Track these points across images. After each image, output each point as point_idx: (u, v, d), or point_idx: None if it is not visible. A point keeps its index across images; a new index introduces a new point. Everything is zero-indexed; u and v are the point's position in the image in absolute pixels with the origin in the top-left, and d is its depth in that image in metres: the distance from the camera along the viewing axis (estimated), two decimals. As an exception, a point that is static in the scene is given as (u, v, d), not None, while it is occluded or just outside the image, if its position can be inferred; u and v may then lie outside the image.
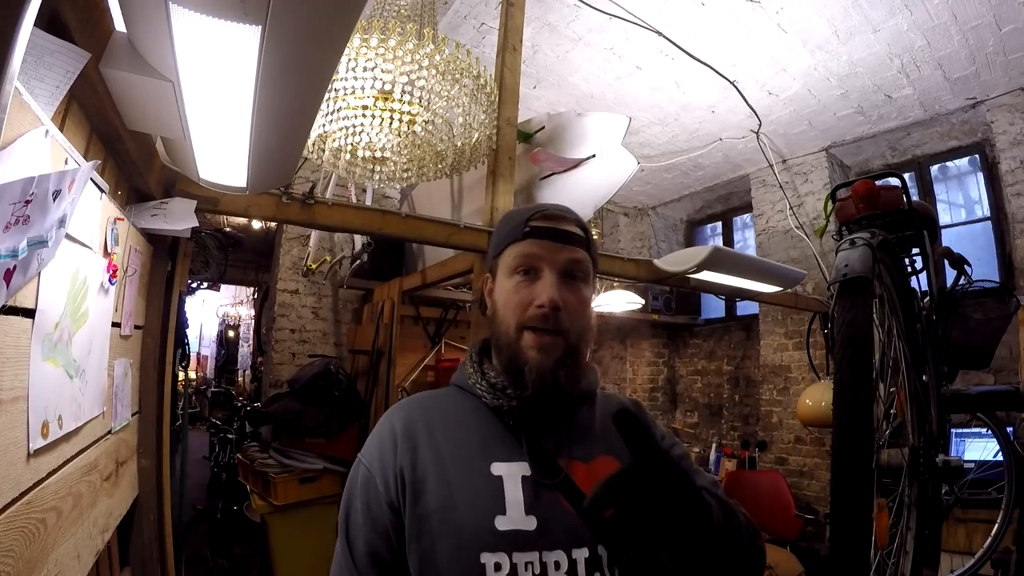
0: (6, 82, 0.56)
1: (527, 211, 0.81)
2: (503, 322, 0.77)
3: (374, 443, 0.76)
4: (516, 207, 0.87)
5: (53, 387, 0.99)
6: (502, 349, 0.77)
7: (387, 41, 1.57)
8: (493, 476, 0.69)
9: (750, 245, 5.09)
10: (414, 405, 0.80)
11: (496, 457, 0.71)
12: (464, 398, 0.80)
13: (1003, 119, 3.35)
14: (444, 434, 0.74)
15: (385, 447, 0.74)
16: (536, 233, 0.77)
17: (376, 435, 0.77)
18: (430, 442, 0.73)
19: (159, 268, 1.79)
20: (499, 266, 0.81)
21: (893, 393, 1.67)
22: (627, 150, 2.37)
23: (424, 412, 0.78)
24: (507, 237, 0.80)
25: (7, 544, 0.80)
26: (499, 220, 0.89)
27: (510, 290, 0.77)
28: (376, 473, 0.72)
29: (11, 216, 0.72)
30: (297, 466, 2.75)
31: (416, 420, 0.76)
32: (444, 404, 0.80)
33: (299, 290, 3.89)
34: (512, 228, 0.80)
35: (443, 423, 0.76)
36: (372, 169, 1.96)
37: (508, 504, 0.67)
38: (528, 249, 0.77)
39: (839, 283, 1.32)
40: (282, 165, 1.34)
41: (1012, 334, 2.70)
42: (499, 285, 0.80)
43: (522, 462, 0.71)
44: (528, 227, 0.77)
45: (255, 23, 0.73)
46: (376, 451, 0.74)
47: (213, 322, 11.61)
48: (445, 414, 0.77)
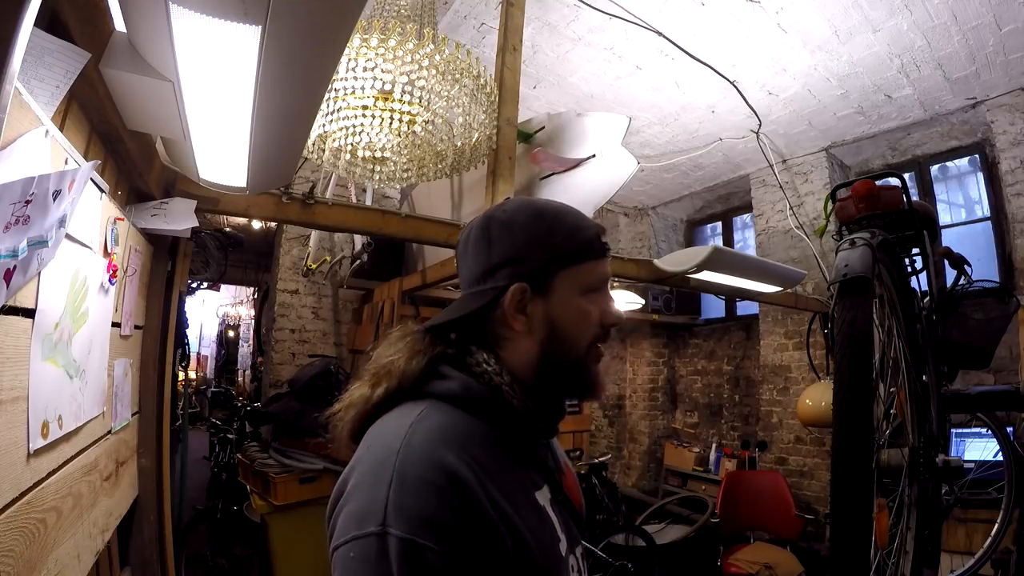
0: (6, 82, 0.56)
1: (584, 221, 0.76)
2: (575, 342, 0.71)
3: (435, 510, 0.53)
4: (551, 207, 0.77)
5: (53, 387, 0.99)
6: (564, 371, 0.71)
7: (387, 41, 1.57)
8: (540, 506, 0.67)
9: (750, 245, 5.09)
10: (445, 440, 0.60)
11: (533, 486, 0.68)
12: (469, 420, 0.65)
13: (1003, 119, 3.35)
14: (488, 472, 0.60)
15: (462, 511, 0.55)
16: (607, 251, 0.77)
17: (432, 495, 0.54)
18: (486, 486, 0.58)
19: (159, 268, 1.79)
20: (562, 281, 0.71)
21: (893, 393, 1.67)
22: (627, 150, 2.37)
23: (462, 450, 0.59)
24: (580, 251, 0.73)
25: (7, 544, 0.80)
26: (531, 224, 0.72)
27: (587, 310, 0.72)
28: (467, 556, 0.53)
29: (11, 216, 0.72)
30: (297, 466, 2.75)
31: (464, 461, 0.58)
32: (466, 432, 0.63)
33: (299, 290, 3.89)
34: (585, 242, 0.74)
35: (480, 458, 0.60)
36: (372, 169, 1.96)
37: (557, 530, 0.68)
38: (608, 269, 0.77)
39: (839, 283, 1.32)
40: (282, 165, 1.34)
41: (1012, 334, 2.70)
42: (566, 304, 0.71)
43: (544, 486, 0.70)
44: (606, 244, 0.77)
45: (255, 23, 0.73)
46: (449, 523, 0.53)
47: (213, 322, 11.61)
48: (476, 447, 0.61)
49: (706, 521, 3.24)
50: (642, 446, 5.46)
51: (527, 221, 0.73)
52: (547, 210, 0.75)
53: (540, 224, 0.73)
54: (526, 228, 0.72)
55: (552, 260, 0.71)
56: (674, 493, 4.58)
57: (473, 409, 0.66)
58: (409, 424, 0.61)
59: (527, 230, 0.72)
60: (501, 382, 0.68)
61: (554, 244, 0.72)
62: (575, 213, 0.77)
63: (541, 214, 0.74)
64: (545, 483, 0.70)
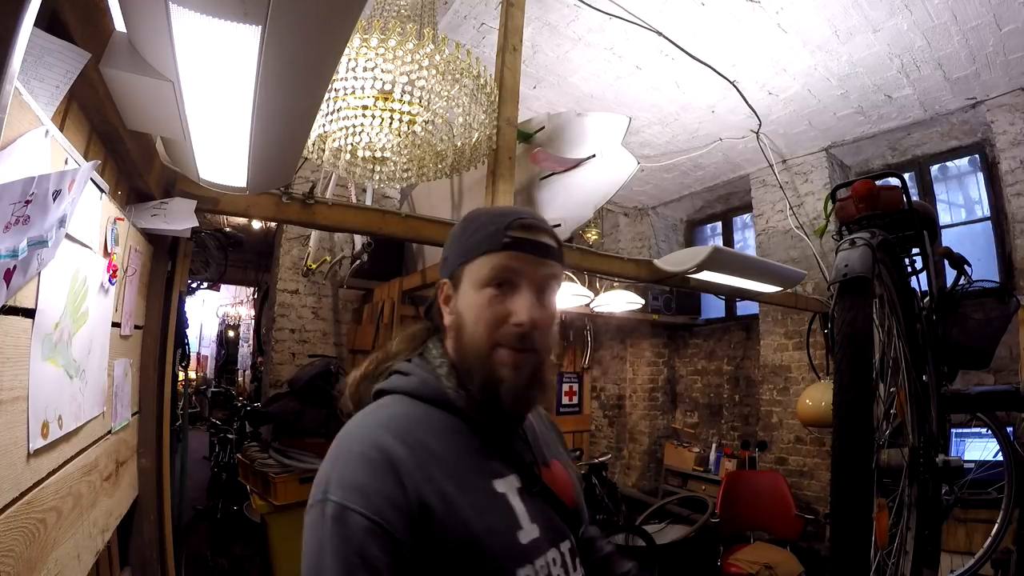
0: (6, 82, 0.56)
1: (501, 217, 0.74)
2: (472, 337, 0.71)
3: (365, 485, 0.60)
4: (479, 209, 0.81)
5: (53, 387, 0.99)
6: (471, 365, 0.72)
7: (387, 41, 1.57)
8: (499, 494, 0.69)
9: (750, 245, 5.09)
10: (390, 426, 0.67)
11: (493, 474, 0.70)
12: (430, 411, 0.71)
13: (1003, 119, 3.35)
14: (436, 459, 0.66)
15: (386, 480, 0.61)
16: (516, 245, 0.71)
17: (363, 467, 0.62)
18: (425, 466, 0.64)
19: (159, 268, 1.79)
20: (465, 275, 0.73)
21: (893, 393, 1.67)
22: (627, 150, 2.37)
23: (407, 432, 0.67)
24: (480, 245, 0.72)
25: (7, 544, 0.80)
26: (460, 222, 0.79)
27: (482, 304, 0.71)
28: (387, 519, 0.59)
29: (11, 216, 0.72)
30: (297, 466, 2.75)
31: (406, 443, 0.65)
32: (418, 420, 0.70)
33: (299, 290, 3.89)
34: (487, 236, 0.72)
35: (428, 443, 0.67)
36: (372, 169, 1.96)
37: (519, 518, 0.68)
38: (506, 262, 0.71)
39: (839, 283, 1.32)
40: (282, 165, 1.34)
41: (1012, 334, 2.70)
42: (466, 296, 0.73)
43: (511, 475, 0.72)
44: (508, 237, 0.71)
45: (255, 23, 0.73)
46: (372, 490, 0.60)
47: (213, 322, 11.61)
48: (429, 436, 0.68)
49: (706, 521, 3.24)
50: (642, 446, 5.46)
51: (457, 226, 0.79)
52: (475, 211, 0.79)
53: (462, 224, 0.78)
54: (454, 233, 0.79)
55: (458, 255, 0.75)
56: (674, 493, 4.58)
57: (432, 402, 0.72)
58: (364, 415, 0.71)
59: (454, 234, 0.78)
60: (447, 380, 0.73)
61: (462, 240, 0.76)
62: (501, 210, 0.77)
63: (468, 216, 0.79)
64: (513, 473, 0.72)
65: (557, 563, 0.69)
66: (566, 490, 0.79)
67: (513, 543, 0.66)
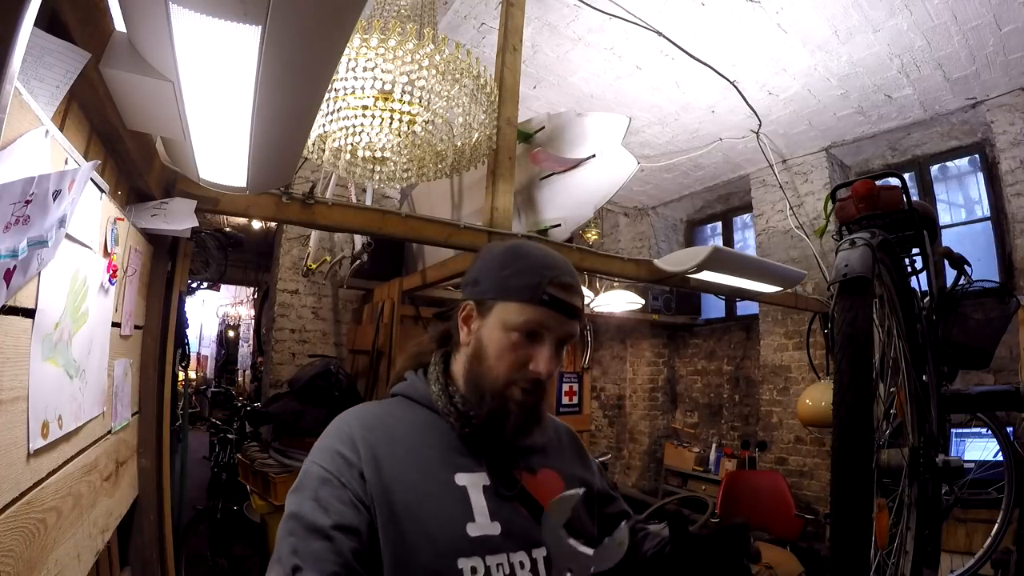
0: (6, 82, 0.56)
1: (544, 270, 0.78)
2: (491, 369, 0.77)
3: (329, 448, 0.73)
4: (523, 247, 0.83)
5: (53, 387, 0.99)
6: (483, 391, 0.78)
7: (387, 41, 1.57)
8: (458, 487, 0.74)
9: (750, 245, 5.09)
10: (366, 414, 0.80)
11: (458, 468, 0.76)
12: (418, 411, 0.82)
13: (1003, 119, 3.35)
14: (404, 445, 0.76)
15: (344, 451, 0.72)
16: (551, 304, 0.77)
17: (332, 440, 0.75)
18: (391, 452, 0.74)
19: (159, 268, 1.79)
20: (496, 311, 0.78)
21: (893, 393, 1.67)
22: (627, 150, 2.37)
23: (379, 420, 0.78)
24: (518, 292, 0.77)
25: (7, 544, 0.80)
26: (503, 254, 0.83)
27: (506, 346, 0.77)
28: (338, 473, 0.70)
29: (11, 216, 0.72)
30: (297, 466, 2.74)
31: (374, 428, 0.76)
32: (398, 415, 0.80)
33: (299, 290, 3.89)
34: (527, 286, 0.77)
35: (401, 435, 0.77)
36: (372, 169, 1.96)
37: (475, 512, 0.73)
38: (539, 317, 0.76)
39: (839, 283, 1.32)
40: (282, 165, 1.34)
41: (1012, 334, 2.70)
42: (492, 331, 0.78)
43: (481, 472, 0.77)
44: (547, 295, 0.76)
45: (255, 23, 0.73)
46: (333, 454, 0.72)
47: (213, 322, 11.60)
48: (402, 426, 0.79)
49: (706, 521, 3.24)
50: (642, 446, 5.46)
51: (499, 253, 0.83)
52: (521, 249, 0.82)
53: (505, 257, 0.82)
54: (494, 258, 0.83)
55: (494, 289, 0.79)
56: (674, 493, 4.58)
57: (420, 403, 0.82)
58: (358, 406, 0.83)
59: (493, 259, 0.82)
60: (435, 386, 0.82)
61: (501, 276, 0.80)
62: (545, 261, 0.80)
63: (513, 250, 0.82)
64: (483, 471, 0.77)
65: (525, 567, 0.73)
66: (548, 490, 0.80)
67: (458, 533, 0.70)
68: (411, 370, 0.88)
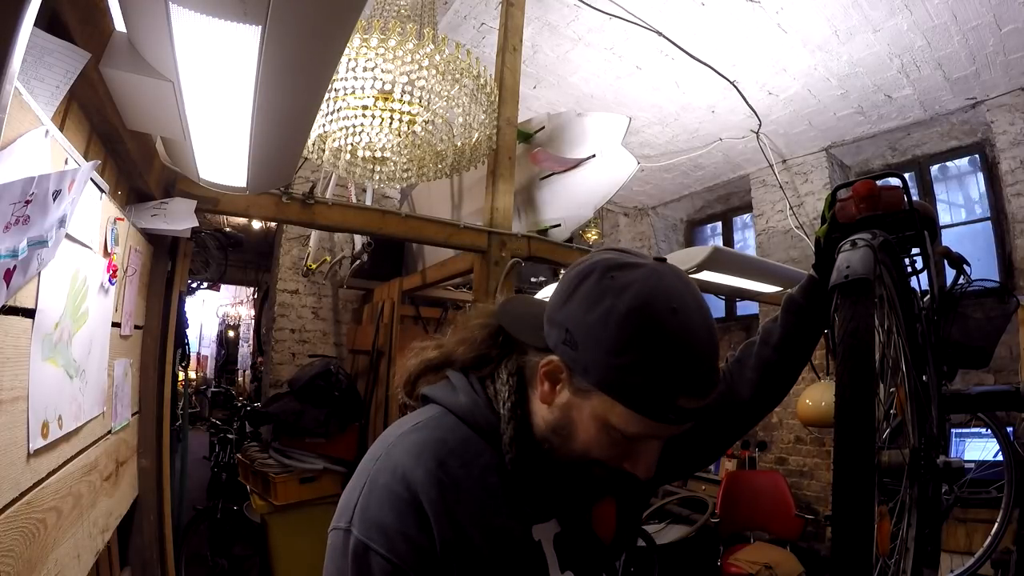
0: (6, 82, 0.56)
1: (677, 374, 0.58)
2: (575, 448, 0.63)
3: (391, 529, 0.57)
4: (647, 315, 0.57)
5: (53, 387, 0.99)
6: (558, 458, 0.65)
7: (387, 41, 1.57)
8: (534, 542, 0.63)
9: (750, 245, 5.08)
10: (427, 460, 0.61)
11: (531, 519, 0.64)
12: (471, 439, 0.65)
13: (1003, 119, 3.35)
14: (476, 500, 0.61)
15: (411, 532, 0.57)
16: (679, 420, 0.60)
17: (390, 515, 0.57)
18: (467, 512, 0.59)
19: (159, 268, 1.79)
20: (598, 402, 0.60)
21: (893, 393, 1.67)
22: (627, 150, 2.37)
23: (442, 468, 0.60)
24: (637, 401, 0.58)
25: (7, 544, 0.80)
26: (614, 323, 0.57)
27: (605, 444, 0.62)
28: (406, 562, 0.56)
29: (11, 216, 0.72)
30: (297, 466, 2.75)
31: (440, 483, 0.59)
32: (459, 453, 0.63)
33: (299, 290, 3.89)
34: (651, 399, 0.58)
35: (469, 486, 0.61)
36: (372, 169, 1.96)
37: (549, 567, 0.64)
38: (657, 432, 0.61)
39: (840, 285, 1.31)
40: (282, 165, 1.34)
41: (1012, 334, 2.70)
42: (587, 421, 0.61)
43: (551, 521, 0.66)
44: (673, 414, 0.59)
45: (255, 23, 0.73)
46: (398, 538, 0.56)
47: (213, 322, 11.60)
48: (467, 470, 0.62)
49: (706, 521, 3.24)
50: (642, 446, 5.46)
51: (614, 318, 0.57)
52: (648, 324, 0.57)
53: (622, 332, 0.57)
54: (605, 323, 0.57)
55: (600, 377, 0.59)
56: (674, 493, 4.58)
57: (477, 430, 0.65)
58: (399, 434, 0.65)
59: (605, 326, 0.57)
60: (508, 427, 0.64)
61: (615, 365, 0.57)
62: (682, 355, 0.57)
63: (636, 324, 0.57)
64: (553, 519, 0.66)
65: None
66: (607, 522, 0.74)
67: None
68: (459, 373, 0.69)
